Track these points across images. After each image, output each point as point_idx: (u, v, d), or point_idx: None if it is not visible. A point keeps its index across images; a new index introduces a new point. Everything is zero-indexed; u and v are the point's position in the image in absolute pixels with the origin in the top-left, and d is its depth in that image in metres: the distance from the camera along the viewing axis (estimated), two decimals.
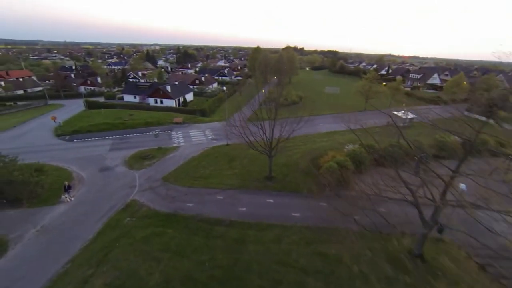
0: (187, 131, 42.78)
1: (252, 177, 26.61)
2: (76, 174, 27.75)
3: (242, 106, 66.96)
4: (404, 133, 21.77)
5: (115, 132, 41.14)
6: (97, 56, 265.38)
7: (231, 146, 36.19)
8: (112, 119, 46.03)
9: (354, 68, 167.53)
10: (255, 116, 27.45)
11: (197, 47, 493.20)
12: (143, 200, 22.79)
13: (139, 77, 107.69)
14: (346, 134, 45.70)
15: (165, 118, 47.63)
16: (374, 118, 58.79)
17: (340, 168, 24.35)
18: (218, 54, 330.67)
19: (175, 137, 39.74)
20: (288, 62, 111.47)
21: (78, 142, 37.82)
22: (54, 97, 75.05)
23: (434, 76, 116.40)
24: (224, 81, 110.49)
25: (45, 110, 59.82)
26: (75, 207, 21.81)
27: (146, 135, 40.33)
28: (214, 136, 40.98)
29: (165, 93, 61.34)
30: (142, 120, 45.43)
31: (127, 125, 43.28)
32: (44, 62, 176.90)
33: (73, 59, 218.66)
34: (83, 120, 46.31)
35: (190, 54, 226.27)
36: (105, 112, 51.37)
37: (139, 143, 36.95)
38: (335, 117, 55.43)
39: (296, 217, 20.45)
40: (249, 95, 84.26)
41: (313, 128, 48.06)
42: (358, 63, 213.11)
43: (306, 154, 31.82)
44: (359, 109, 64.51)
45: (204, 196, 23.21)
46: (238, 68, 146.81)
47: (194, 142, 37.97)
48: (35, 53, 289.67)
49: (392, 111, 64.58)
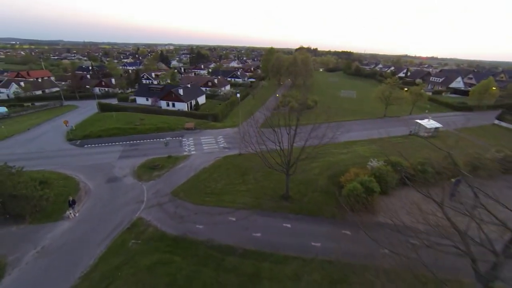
0: (198, 137, 41.28)
1: (267, 195, 24.56)
2: (83, 184, 26.66)
3: (255, 111, 65.26)
4: (425, 144, 18.94)
5: (125, 138, 40.19)
6: (113, 56, 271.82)
7: (244, 156, 34.31)
8: (123, 124, 45.24)
9: (370, 70, 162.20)
10: (269, 123, 25.15)
11: (210, 47, 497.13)
12: (150, 219, 21.24)
13: (152, 78, 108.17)
14: (366, 144, 42.90)
15: (176, 123, 46.39)
16: (395, 126, 55.54)
17: (365, 189, 21.88)
18: (231, 54, 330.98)
19: (186, 145, 38.29)
20: (302, 64, 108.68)
21: (89, 148, 37.08)
22: (70, 98, 76.05)
23: (458, 79, 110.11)
24: (237, 83, 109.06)
25: (60, 112, 60.22)
26: (78, 225, 20.52)
27: (157, 141, 39.11)
28: (226, 144, 39.23)
29: (177, 96, 60.35)
30: (153, 125, 44.35)
31: (137, 130, 42.29)
32: (63, 62, 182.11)
33: (90, 59, 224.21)
34: (95, 124, 45.78)
35: (203, 55, 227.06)
36: (117, 115, 50.77)
37: (149, 151, 35.73)
38: (353, 125, 52.46)
39: (317, 248, 18.20)
40: (263, 98, 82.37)
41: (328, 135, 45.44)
42: (374, 65, 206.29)
43: (325, 169, 29.41)
44: (378, 116, 61.09)
45: (215, 217, 21.37)
46: (251, 69, 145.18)
47: (206, 151, 36.35)
48: (55, 53, 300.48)
49: (416, 119, 61.04)
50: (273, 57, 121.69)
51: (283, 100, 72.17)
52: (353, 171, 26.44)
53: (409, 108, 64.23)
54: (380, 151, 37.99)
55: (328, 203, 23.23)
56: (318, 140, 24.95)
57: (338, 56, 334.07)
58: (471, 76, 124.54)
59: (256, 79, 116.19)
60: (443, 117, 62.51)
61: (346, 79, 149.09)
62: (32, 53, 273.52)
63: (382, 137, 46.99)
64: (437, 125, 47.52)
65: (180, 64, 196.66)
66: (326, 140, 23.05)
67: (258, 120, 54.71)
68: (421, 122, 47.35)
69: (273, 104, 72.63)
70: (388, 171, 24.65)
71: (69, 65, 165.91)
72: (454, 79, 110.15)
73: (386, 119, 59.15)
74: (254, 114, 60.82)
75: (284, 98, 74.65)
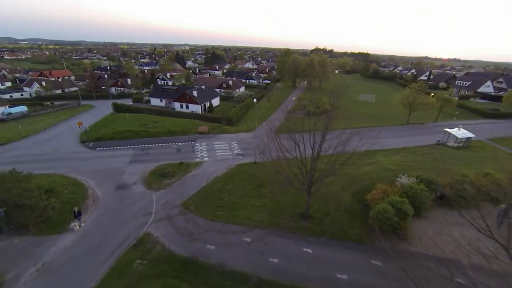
0: (211, 142, 39.70)
1: (285, 213, 22.39)
2: (91, 192, 25.62)
3: (270, 115, 63.10)
4: (457, 156, 16.04)
5: (137, 141, 39.28)
6: (131, 56, 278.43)
7: (259, 165, 32.27)
8: (136, 126, 44.50)
9: (389, 73, 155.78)
10: (289, 128, 23.03)
11: (225, 47, 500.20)
12: (157, 235, 19.65)
13: (167, 79, 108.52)
14: (390, 154, 39.66)
15: (189, 126, 45.12)
16: (420, 135, 51.53)
17: (397, 212, 19.24)
18: (245, 55, 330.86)
19: (198, 150, 36.78)
20: (319, 66, 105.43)
21: (101, 150, 36.36)
22: (87, 97, 77.18)
23: (487, 83, 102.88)
24: (251, 85, 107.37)
25: (76, 112, 60.79)
26: (82, 239, 19.25)
27: (169, 146, 37.86)
28: (240, 150, 37.38)
29: (191, 98, 59.34)
30: (165, 128, 43.28)
31: (150, 133, 41.32)
32: (84, 62, 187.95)
33: (109, 59, 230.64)
34: (108, 126, 45.33)
35: (218, 55, 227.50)
36: (130, 117, 50.27)
37: (161, 155, 34.48)
38: (373, 132, 49.09)
39: (343, 281, 15.83)
40: (278, 100, 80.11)
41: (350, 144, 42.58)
42: (393, 67, 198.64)
43: (348, 184, 26.84)
44: (400, 122, 57.20)
45: (228, 236, 19.47)
46: (266, 70, 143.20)
47: (219, 158, 34.65)
48: (77, 53, 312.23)
49: (442, 126, 56.70)
50: (289, 58, 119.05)
51: (299, 104, 69.60)
52: (380, 188, 23.78)
53: (435, 115, 59.86)
54: (405, 163, 34.86)
55: (353, 224, 20.75)
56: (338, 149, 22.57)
57: (354, 57, 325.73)
58: (501, 80, 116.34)
59: (271, 80, 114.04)
60: (472, 125, 57.80)
61: (364, 81, 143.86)
62: (56, 53, 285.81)
63: (406, 146, 43.78)
64: (469, 135, 43.40)
65: (195, 65, 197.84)
66: (349, 150, 20.42)
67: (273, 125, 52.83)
68: (450, 131, 43.42)
69: (289, 107, 70.19)
70: (421, 190, 21.81)
71: (88, 64, 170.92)
72: (482, 83, 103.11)
73: (409, 126, 55.28)
74: (270, 117, 58.94)
75: (300, 102, 72.07)
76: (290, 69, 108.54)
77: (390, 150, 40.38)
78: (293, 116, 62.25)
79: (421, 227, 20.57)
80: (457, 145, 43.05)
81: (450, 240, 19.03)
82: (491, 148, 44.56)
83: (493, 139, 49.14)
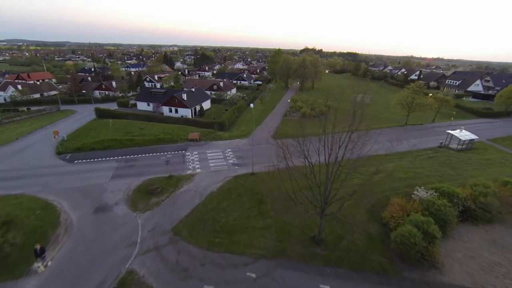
0: (204, 151, 36.34)
1: (292, 236, 19.45)
2: (64, 216, 21.83)
3: (265, 117, 60.17)
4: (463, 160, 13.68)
5: (121, 151, 35.41)
6: (117, 58, 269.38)
7: (257, 176, 29.28)
8: (120, 134, 40.54)
9: (380, 73, 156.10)
10: (287, 133, 20.18)
11: (214, 48, 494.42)
12: (143, 273, 16.27)
13: (155, 81, 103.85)
14: (395, 159, 37.44)
15: (179, 133, 41.56)
16: (420, 136, 49.83)
17: (424, 235, 16.68)
18: (235, 55, 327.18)
19: (190, 160, 33.36)
20: (311, 66, 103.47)
21: (79, 163, 32.30)
22: (68, 102, 71.88)
23: (476, 82, 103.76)
24: (243, 86, 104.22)
25: (55, 118, 55.88)
26: (47, 284, 15.61)
27: (156, 156, 34.25)
28: (236, 159, 34.22)
29: (180, 101, 55.65)
30: (153, 136, 39.54)
31: (136, 142, 37.48)
32: (67, 64, 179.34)
33: (94, 61, 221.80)
34: (89, 134, 41.14)
35: (208, 56, 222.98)
36: (114, 123, 46.16)
37: (148, 168, 30.87)
38: (373, 135, 46.99)
39: None
40: (271, 102, 77.29)
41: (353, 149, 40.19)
42: (383, 66, 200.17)
43: (360, 198, 24.14)
44: (398, 124, 55.54)
45: (229, 271, 16.31)
46: (257, 71, 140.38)
47: (212, 169, 31.36)
48: (60, 55, 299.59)
49: (440, 127, 55.44)
50: (280, 59, 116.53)
51: (293, 106, 67.04)
52: (397, 203, 21.25)
53: (432, 115, 58.59)
54: (414, 170, 32.66)
55: (373, 249, 18.04)
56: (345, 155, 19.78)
57: (343, 57, 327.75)
58: (488, 78, 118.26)
59: (263, 81, 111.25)
60: (470, 125, 56.84)
61: (355, 81, 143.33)
62: (37, 55, 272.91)
63: (410, 150, 41.86)
64: (472, 137, 41.90)
65: (184, 66, 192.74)
66: (354, 155, 17.72)
67: (269, 129, 49.97)
68: (453, 133, 41.76)
69: (283, 109, 67.52)
70: (445, 206, 19.37)
71: (71, 66, 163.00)
72: (472, 82, 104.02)
73: (408, 127, 53.64)
74: (264, 121, 56.00)
75: (294, 103, 69.53)
76: (282, 69, 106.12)
77: (394, 155, 38.19)
78: (289, 119, 59.81)
79: (448, 249, 18.13)
80: (460, 147, 41.48)
81: (484, 265, 16.67)
82: (494, 149, 43.27)
83: (493, 140, 48.06)
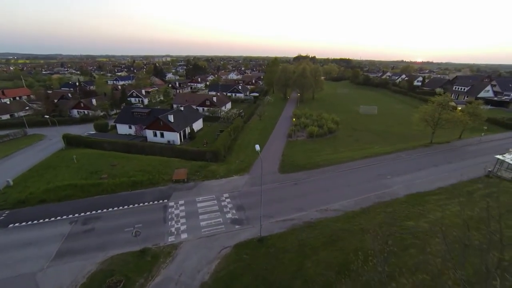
0: (193, 199, 27.43)
1: None
2: None
3: (267, 139, 51.48)
4: None
5: (81, 204, 26.29)
6: (107, 70, 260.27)
7: (269, 242, 20.57)
8: (84, 175, 31.51)
9: (380, 80, 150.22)
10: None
11: (207, 57, 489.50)
12: None
13: (142, 96, 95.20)
14: (442, 200, 28.69)
15: (161, 171, 32.69)
16: (455, 161, 40.77)
17: None
18: (229, 65, 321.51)
19: (173, 217, 24.37)
20: (311, 76, 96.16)
21: (15, 230, 22.76)
22: (40, 124, 62.37)
23: (487, 88, 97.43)
24: (238, 99, 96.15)
25: (17, 146, 46.63)
26: None
27: (128, 212, 25.23)
28: (236, 211, 25.43)
29: (167, 124, 46.93)
30: (126, 176, 30.57)
31: (103, 188, 28.41)
32: (53, 78, 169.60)
33: (82, 74, 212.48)
34: (44, 176, 31.96)
35: (200, 66, 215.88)
36: (82, 157, 37.10)
37: (113, 234, 21.84)
38: (398, 160, 38.77)
39: None
40: (271, 118, 68.77)
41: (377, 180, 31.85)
42: (381, 73, 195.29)
43: None
44: (422, 143, 47.36)
45: None
46: (252, 81, 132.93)
47: (204, 231, 22.49)
48: (49, 68, 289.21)
49: (470, 144, 47.64)
50: (277, 68, 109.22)
51: (297, 123, 58.71)
52: None
53: (457, 130, 50.56)
54: (479, 226, 24.20)
55: None
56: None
57: (337, 63, 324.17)
58: (495, 83, 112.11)
59: (260, 93, 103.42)
60: (501, 141, 49.31)
61: (355, 89, 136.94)
62: (23, 68, 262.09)
63: (453, 183, 33.66)
64: None
65: (176, 77, 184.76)
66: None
67: (273, 157, 41.06)
68: (504, 158, 33.77)
69: (285, 127, 59.13)
70: None
71: (55, 80, 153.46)
72: (482, 88, 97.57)
73: (435, 147, 45.60)
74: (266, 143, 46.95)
75: (298, 119, 61.25)
76: (280, 80, 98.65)
77: (437, 192, 29.82)
78: (295, 140, 51.32)
79: None
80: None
81: None
82: None
83: None
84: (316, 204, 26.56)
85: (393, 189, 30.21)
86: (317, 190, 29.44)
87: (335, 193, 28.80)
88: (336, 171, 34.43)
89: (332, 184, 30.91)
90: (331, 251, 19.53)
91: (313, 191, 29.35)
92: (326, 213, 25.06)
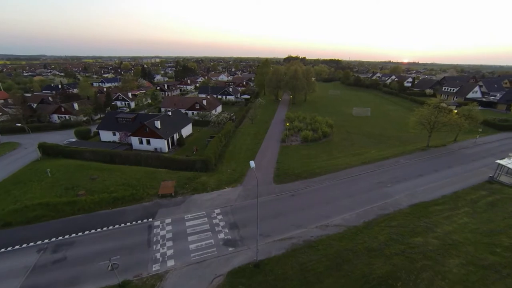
0: (180, 217, 24.79)
1: None
2: None
3: (259, 146, 49.25)
4: None
5: (53, 227, 23.20)
6: (93, 71, 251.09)
7: (266, 269, 18.27)
8: (58, 192, 28.28)
9: (371, 80, 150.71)
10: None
11: (197, 58, 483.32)
12: None
13: (128, 99, 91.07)
14: (448, 211, 27.02)
15: (146, 184, 29.88)
16: (454, 165, 38.87)
17: None
18: (219, 66, 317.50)
19: (158, 240, 21.71)
20: (303, 77, 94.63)
21: None
22: (17, 130, 57.79)
23: (475, 89, 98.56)
24: (229, 102, 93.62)
25: None
26: None
27: (107, 235, 22.35)
28: (229, 230, 22.98)
29: (153, 130, 43.95)
30: (107, 192, 27.60)
31: (79, 207, 25.36)
32: (34, 80, 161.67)
33: (66, 76, 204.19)
34: (12, 194, 28.52)
35: (190, 68, 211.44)
36: (58, 170, 33.72)
37: (86, 267, 18.91)
38: (397, 165, 37.26)
39: None
40: (264, 121, 66.69)
41: (378, 189, 30.14)
42: (371, 74, 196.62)
43: None
44: (418, 147, 46.12)
45: None
46: (243, 83, 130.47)
47: (194, 256, 19.94)
48: (31, 69, 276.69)
49: (466, 147, 46.89)
50: (269, 69, 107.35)
51: (291, 127, 56.73)
52: None
53: (453, 133, 49.75)
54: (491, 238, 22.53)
55: None
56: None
57: (327, 64, 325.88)
58: (481, 83, 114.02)
59: (251, 95, 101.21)
60: (495, 143, 48.97)
61: (347, 90, 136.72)
62: (3, 70, 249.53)
63: (456, 190, 32.35)
64: None
65: (164, 79, 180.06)
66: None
67: (267, 165, 38.81)
68: (505, 163, 32.78)
69: (278, 131, 57.05)
70: None
71: (37, 83, 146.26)
72: (471, 89, 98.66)
73: (432, 151, 44.48)
74: (260, 150, 44.77)
75: (291, 123, 59.29)
76: (271, 81, 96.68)
77: (441, 202, 28.28)
78: (289, 145, 49.33)
79: None
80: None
81: None
82: None
83: None
84: (315, 219, 24.49)
85: (395, 199, 28.50)
86: (315, 203, 27.38)
87: (335, 206, 26.84)
88: (334, 180, 32.52)
89: (331, 195, 28.93)
90: (337, 278, 17.44)
91: (312, 203, 27.26)
92: (327, 229, 23.01)
